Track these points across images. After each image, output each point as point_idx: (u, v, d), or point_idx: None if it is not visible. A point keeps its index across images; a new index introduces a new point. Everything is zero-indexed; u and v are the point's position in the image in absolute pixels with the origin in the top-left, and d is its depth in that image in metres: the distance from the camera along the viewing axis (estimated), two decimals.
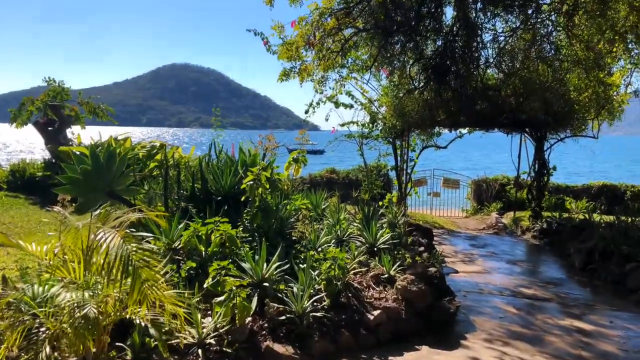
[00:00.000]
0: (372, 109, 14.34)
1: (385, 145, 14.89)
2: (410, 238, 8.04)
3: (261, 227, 6.78)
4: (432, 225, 13.68)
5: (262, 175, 6.93)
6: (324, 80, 11.86)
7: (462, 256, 9.82)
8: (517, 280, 8.17)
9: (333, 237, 7.62)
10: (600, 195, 17.89)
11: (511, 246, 11.32)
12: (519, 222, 13.45)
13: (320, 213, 9.65)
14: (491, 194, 18.37)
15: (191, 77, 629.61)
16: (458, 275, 8.32)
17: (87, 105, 15.75)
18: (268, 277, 5.60)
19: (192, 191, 7.66)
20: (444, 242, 11.25)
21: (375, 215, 8.67)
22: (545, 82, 11.40)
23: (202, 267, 5.94)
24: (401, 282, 5.88)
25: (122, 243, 2.73)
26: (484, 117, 12.40)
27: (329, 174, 19.54)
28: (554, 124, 11.97)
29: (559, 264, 9.56)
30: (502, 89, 12.04)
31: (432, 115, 12.81)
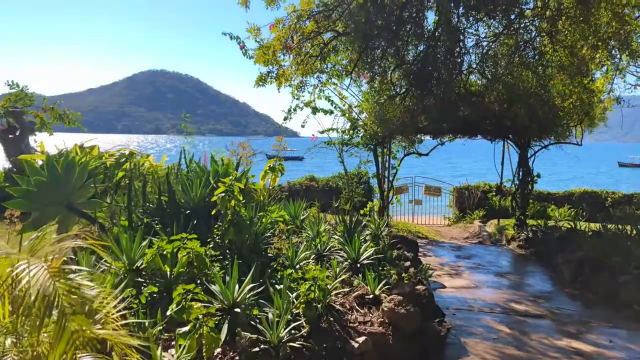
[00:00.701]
0: (352, 115, 13.90)
1: (366, 152, 14.47)
2: (395, 252, 7.56)
3: (233, 243, 6.23)
4: (415, 235, 13.26)
5: (234, 186, 6.37)
6: (303, 85, 11.37)
7: (448, 269, 9.39)
8: (507, 295, 7.76)
9: (313, 252, 7.11)
10: (581, 201, 17.75)
11: (497, 257, 10.94)
12: (504, 231, 13.12)
13: (299, 225, 9.13)
14: (473, 202, 18.09)
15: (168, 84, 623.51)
16: (445, 290, 7.87)
17: (52, 111, 14.96)
18: (240, 301, 5.05)
19: (159, 204, 7.06)
20: (428, 254, 10.82)
21: (358, 227, 8.19)
22: (529, 88, 11.10)
23: (167, 290, 5.35)
24: (388, 303, 5.38)
25: (49, 280, 2.17)
26: (467, 123, 12.06)
27: (308, 181, 19.04)
28: (539, 130, 11.68)
29: (547, 275, 9.20)
30: (486, 95, 11.71)
31: (414, 122, 12.42)
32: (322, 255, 7.22)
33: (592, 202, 17.76)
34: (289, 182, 19.09)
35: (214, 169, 7.48)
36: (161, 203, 7.07)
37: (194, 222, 6.77)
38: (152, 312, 4.87)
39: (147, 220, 6.74)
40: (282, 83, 10.88)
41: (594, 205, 17.57)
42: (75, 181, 7.68)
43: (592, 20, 9.92)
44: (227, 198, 6.29)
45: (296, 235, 8.60)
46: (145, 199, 7.35)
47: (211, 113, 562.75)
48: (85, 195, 7.77)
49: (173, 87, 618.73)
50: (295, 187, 18.75)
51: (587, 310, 7.16)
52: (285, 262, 6.42)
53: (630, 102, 12.22)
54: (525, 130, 11.83)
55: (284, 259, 6.43)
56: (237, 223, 6.24)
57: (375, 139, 13.32)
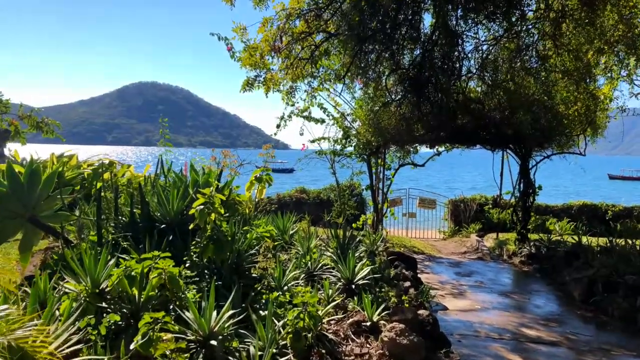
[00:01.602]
0: (345, 123, 13.28)
1: (359, 162, 13.84)
2: (393, 270, 6.88)
3: (213, 262, 5.51)
4: (410, 249, 12.59)
5: (215, 197, 5.66)
6: (293, 91, 10.74)
7: (449, 288, 8.71)
8: (515, 318, 7.08)
9: (303, 272, 6.41)
10: (580, 214, 17.20)
11: (499, 274, 10.28)
12: (504, 245, 12.49)
13: (288, 240, 8.44)
14: (469, 215, 17.47)
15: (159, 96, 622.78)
16: (448, 312, 7.18)
17: (29, 119, 14.17)
18: (218, 331, 4.32)
19: (131, 217, 6.33)
20: (426, 270, 10.14)
21: (352, 242, 7.51)
22: (531, 94, 10.56)
23: (135, 317, 4.62)
24: (388, 332, 4.67)
25: None
26: (465, 132, 11.48)
27: (298, 193, 18.34)
28: (541, 139, 11.11)
29: (555, 295, 8.55)
30: (486, 102, 11.15)
31: (410, 131, 11.82)
32: (313, 275, 6.52)
33: (592, 215, 17.24)
34: (278, 194, 18.39)
35: (194, 179, 6.77)
36: (133, 216, 6.34)
37: (170, 238, 6.06)
38: (115, 345, 4.15)
39: (117, 236, 6.01)
40: (271, 88, 10.23)
41: (593, 218, 17.05)
42: (40, 192, 6.94)
43: (598, 23, 9.42)
44: (206, 211, 5.58)
45: (285, 251, 7.90)
46: (117, 212, 6.61)
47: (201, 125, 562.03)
48: (52, 207, 7.02)
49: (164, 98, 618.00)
50: (285, 199, 18.05)
51: (605, 336, 6.50)
52: (272, 283, 5.72)
53: (625, 113, 11.74)
54: (527, 139, 11.26)
55: (270, 280, 5.72)
56: (217, 239, 5.52)
57: (369, 149, 12.70)
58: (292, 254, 7.54)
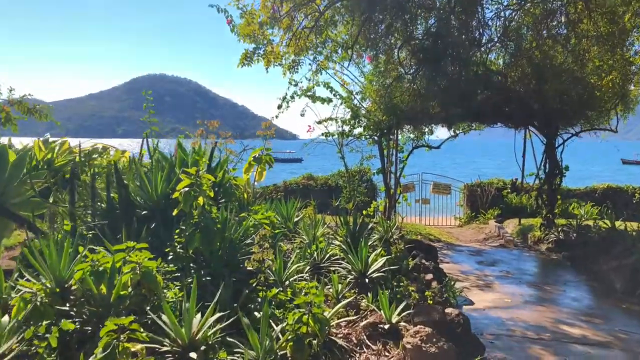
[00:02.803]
0: (353, 102, 12.34)
1: (369, 146, 12.91)
2: (412, 261, 5.99)
3: (201, 254, 4.65)
4: (426, 237, 11.69)
5: (203, 178, 4.78)
6: (296, 65, 9.80)
7: (473, 279, 7.81)
8: (552, 313, 6.17)
9: (307, 264, 5.54)
10: (605, 198, 16.16)
11: (525, 263, 9.36)
12: (528, 231, 11.53)
13: (292, 228, 7.58)
14: (486, 200, 16.49)
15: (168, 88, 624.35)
16: (475, 308, 6.29)
17: (20, 105, 13.37)
18: (200, 339, 3.48)
19: (108, 203, 5.49)
20: (445, 260, 9.24)
21: (364, 230, 6.62)
22: (560, 64, 9.55)
23: (102, 321, 3.79)
24: (412, 338, 3.79)
25: None
26: (486, 108, 10.49)
27: (305, 180, 17.48)
28: (570, 114, 10.11)
29: (591, 285, 7.63)
30: (509, 75, 10.15)
31: (425, 108, 10.87)
32: (319, 267, 5.66)
33: (617, 199, 16.19)
34: (285, 182, 17.54)
35: (181, 159, 5.92)
36: (111, 202, 5.50)
37: (152, 226, 5.23)
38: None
39: (93, 225, 5.18)
40: (271, 62, 9.32)
41: (618, 202, 16.00)
42: (8, 178, 6.13)
43: None
44: (192, 194, 4.71)
45: (288, 240, 7.05)
46: (94, 198, 5.77)
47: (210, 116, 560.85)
48: (21, 194, 6.22)
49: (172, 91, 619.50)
50: (291, 186, 17.20)
51: None
52: (271, 278, 4.86)
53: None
54: (555, 114, 10.25)
55: (269, 274, 4.87)
56: (205, 227, 4.65)
57: (380, 130, 11.76)
58: (297, 244, 6.69)
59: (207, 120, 5.50)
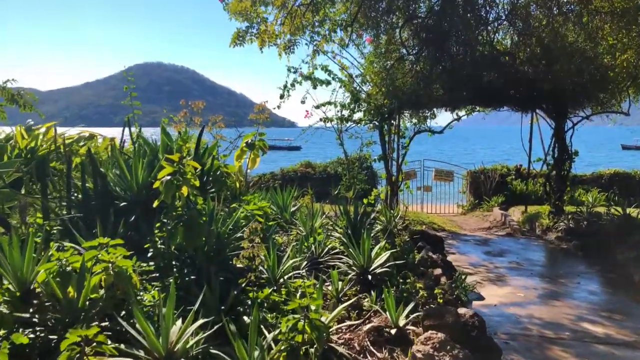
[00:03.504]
0: (353, 86, 11.79)
1: (369, 131, 12.37)
2: (418, 254, 5.52)
3: (184, 250, 4.17)
4: (430, 226, 11.22)
5: (187, 165, 4.28)
6: (292, 45, 9.22)
7: (482, 271, 7.36)
8: (569, 309, 5.72)
9: (304, 259, 5.06)
10: (612, 184, 15.68)
11: (535, 253, 8.90)
12: (536, 219, 11.06)
13: (288, 219, 7.11)
14: (490, 187, 16.01)
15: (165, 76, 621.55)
16: (486, 303, 5.84)
17: (3, 91, 12.80)
18: (180, 351, 3.01)
19: (84, 194, 4.99)
20: (451, 250, 8.78)
21: (366, 220, 6.14)
22: (571, 43, 9.01)
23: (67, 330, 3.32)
24: (422, 345, 3.32)
25: None
26: (492, 91, 9.95)
27: (304, 168, 16.98)
28: (582, 96, 9.58)
29: (608, 277, 7.17)
30: (517, 55, 9.61)
31: (428, 91, 10.32)
32: (317, 262, 5.18)
33: (624, 185, 15.70)
34: (282, 169, 17.04)
35: (164, 144, 5.41)
36: (86, 192, 5.00)
37: (132, 218, 4.74)
38: None
39: (67, 218, 4.69)
40: (266, 42, 8.76)
41: (625, 188, 15.51)
42: None
43: None
44: (175, 183, 4.21)
45: (285, 232, 6.58)
46: (70, 188, 5.27)
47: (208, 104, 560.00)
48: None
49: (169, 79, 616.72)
50: (289, 174, 16.71)
51: None
52: (264, 275, 4.39)
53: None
54: (565, 96, 9.72)
55: (261, 271, 4.39)
56: (189, 220, 4.16)
57: (381, 114, 11.22)
58: (293, 236, 6.22)
59: (191, 101, 4.98)
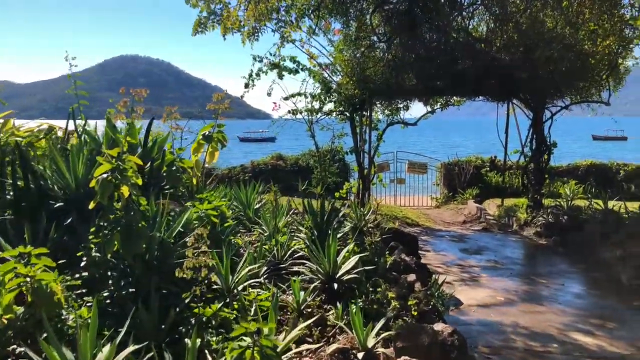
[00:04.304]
0: (323, 76, 11.25)
1: (340, 123, 11.87)
2: (391, 257, 5.04)
3: (121, 259, 3.60)
4: (403, 221, 10.81)
5: (127, 161, 3.69)
6: (256, 32, 8.62)
7: (458, 271, 6.94)
8: (555, 315, 5.32)
9: (264, 264, 4.52)
10: (588, 176, 15.54)
11: (513, 250, 8.56)
12: (512, 213, 10.74)
13: (251, 217, 6.55)
14: (465, 179, 15.70)
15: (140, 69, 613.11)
16: (464, 309, 5.40)
17: None
18: None
19: (15, 192, 4.35)
20: (425, 247, 8.37)
21: (333, 218, 5.64)
22: (550, 29, 8.64)
23: None
24: None
25: None
26: (467, 80, 9.52)
27: (274, 160, 16.39)
28: (561, 85, 9.24)
29: (592, 277, 6.83)
30: (493, 41, 9.21)
31: (400, 80, 9.86)
32: (279, 268, 4.66)
33: (600, 176, 15.58)
34: (252, 162, 16.42)
35: (109, 138, 4.79)
36: (17, 190, 4.36)
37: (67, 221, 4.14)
38: None
39: None
40: (229, 29, 8.14)
41: (602, 179, 15.39)
42: None
43: None
44: (113, 181, 3.62)
45: (248, 232, 6.03)
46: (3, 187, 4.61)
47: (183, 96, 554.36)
48: None
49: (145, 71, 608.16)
50: (260, 167, 16.11)
51: None
52: (215, 286, 3.85)
53: None
54: (543, 85, 9.36)
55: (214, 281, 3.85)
56: (127, 224, 3.58)
57: (352, 105, 10.71)
58: (255, 236, 5.69)
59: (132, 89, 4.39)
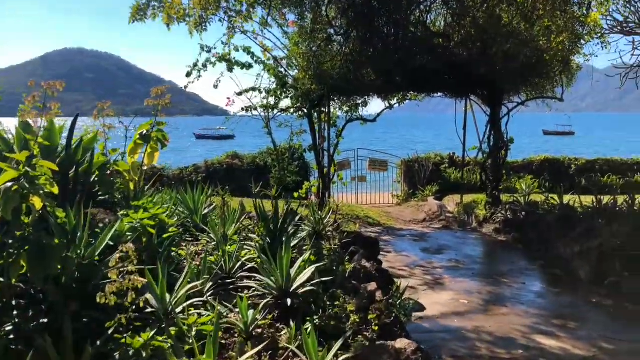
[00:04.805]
0: (279, 70, 10.80)
1: (299, 120, 11.46)
2: (350, 265, 4.68)
3: (30, 284, 3.07)
4: (365, 221, 10.52)
5: (40, 167, 3.16)
6: (204, 22, 8.09)
7: (420, 273, 6.67)
8: (518, 317, 5.10)
9: (209, 280, 4.06)
10: (542, 170, 15.73)
11: (474, 248, 8.40)
12: (472, 210, 10.62)
13: (198, 224, 6.04)
14: (424, 176, 15.60)
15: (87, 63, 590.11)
16: (427, 314, 5.10)
17: None
18: None
19: None
20: (387, 248, 8.08)
21: (289, 223, 5.22)
22: (507, 24, 8.50)
23: None
24: None
25: None
26: (426, 75, 9.30)
27: (230, 160, 15.80)
28: (518, 80, 9.14)
29: (552, 275, 6.69)
30: (451, 36, 9.00)
31: (358, 76, 9.53)
32: (227, 283, 4.21)
33: (554, 171, 15.80)
34: (206, 161, 15.76)
35: (20, 139, 4.20)
36: None
37: None
38: None
39: None
40: (173, 18, 7.58)
41: (555, 174, 15.60)
42: None
43: None
44: (19, 192, 3.08)
45: (195, 242, 5.53)
46: None
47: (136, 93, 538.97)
48: None
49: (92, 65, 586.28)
50: (214, 167, 15.49)
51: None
52: (150, 309, 3.37)
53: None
54: (500, 80, 9.24)
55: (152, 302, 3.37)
56: (37, 242, 3.06)
57: (310, 101, 10.31)
58: (202, 246, 5.22)
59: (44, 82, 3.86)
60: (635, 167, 15.79)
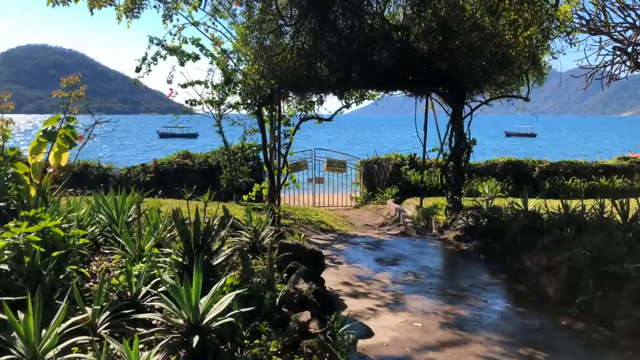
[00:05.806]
0: (228, 64, 10.01)
1: (252, 117, 10.67)
2: (283, 287, 3.94)
3: None
4: (317, 226, 9.80)
5: None
6: (137, 6, 7.20)
7: (373, 289, 5.97)
8: (481, 346, 4.46)
9: (105, 309, 3.26)
10: (506, 173, 15.38)
11: (432, 258, 7.79)
12: (432, 215, 10.05)
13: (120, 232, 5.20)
14: (384, 178, 15.02)
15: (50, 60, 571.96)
16: (374, 342, 4.41)
17: None
18: None
19: None
20: (337, 259, 7.39)
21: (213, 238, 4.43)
22: (470, 17, 7.94)
23: None
24: None
25: None
26: (385, 71, 8.65)
27: (181, 159, 14.84)
28: (481, 77, 8.60)
29: (516, 291, 6.12)
30: (411, 29, 8.38)
31: (312, 72, 8.80)
32: (134, 310, 3.41)
33: (518, 173, 15.48)
34: (155, 161, 14.74)
35: None
36: None
37: None
38: None
39: None
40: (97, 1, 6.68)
41: (519, 176, 15.29)
42: None
43: None
44: None
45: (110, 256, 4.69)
46: None
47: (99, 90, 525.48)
48: None
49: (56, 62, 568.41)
50: (164, 166, 14.49)
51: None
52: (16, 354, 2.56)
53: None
54: (462, 77, 8.68)
55: None
56: None
57: (260, 97, 9.54)
58: (115, 261, 4.41)
59: None
60: (600, 170, 15.63)
